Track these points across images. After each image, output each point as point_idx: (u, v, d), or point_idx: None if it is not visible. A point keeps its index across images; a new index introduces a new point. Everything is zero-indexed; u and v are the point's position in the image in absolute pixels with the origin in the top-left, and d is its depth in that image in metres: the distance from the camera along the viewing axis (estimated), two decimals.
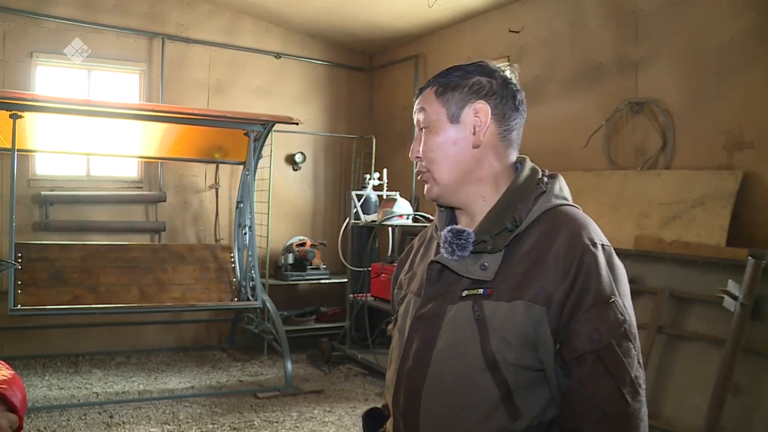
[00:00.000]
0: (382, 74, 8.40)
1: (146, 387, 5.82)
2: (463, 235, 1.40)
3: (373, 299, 6.43)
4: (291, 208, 7.86)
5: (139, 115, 5.68)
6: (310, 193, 8.10)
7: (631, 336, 1.31)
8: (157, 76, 7.02)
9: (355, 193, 6.95)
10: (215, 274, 6.35)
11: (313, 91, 8.06)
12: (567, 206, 1.44)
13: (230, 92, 7.46)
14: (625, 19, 5.17)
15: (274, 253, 7.37)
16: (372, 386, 6.07)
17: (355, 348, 6.70)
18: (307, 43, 7.94)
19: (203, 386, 5.91)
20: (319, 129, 8.04)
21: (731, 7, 4.43)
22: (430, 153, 1.48)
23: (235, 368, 6.54)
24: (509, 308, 1.32)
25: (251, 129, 6.03)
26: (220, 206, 7.39)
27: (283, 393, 5.70)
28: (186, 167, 7.19)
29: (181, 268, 6.20)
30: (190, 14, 7.19)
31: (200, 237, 7.31)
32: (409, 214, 6.60)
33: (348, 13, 7.07)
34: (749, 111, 4.29)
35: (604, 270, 1.32)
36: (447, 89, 1.47)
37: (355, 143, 8.11)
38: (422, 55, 7.62)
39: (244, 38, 7.53)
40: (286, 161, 7.87)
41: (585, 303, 1.29)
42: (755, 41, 4.28)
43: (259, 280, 6.16)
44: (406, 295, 1.59)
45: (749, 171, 4.25)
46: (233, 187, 7.24)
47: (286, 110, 7.09)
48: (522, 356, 1.32)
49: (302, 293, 7.76)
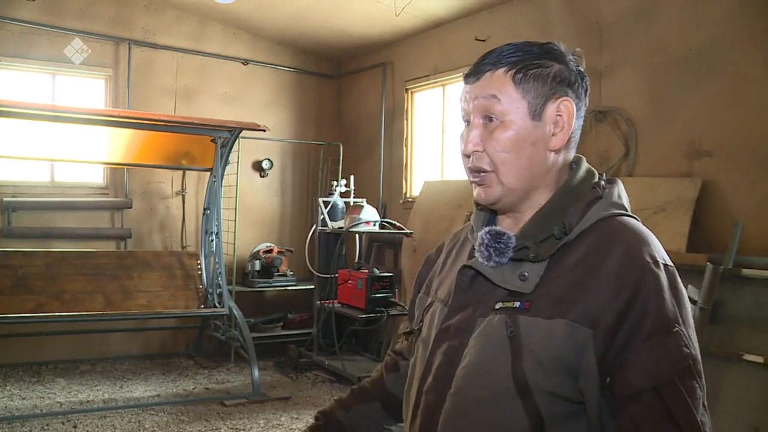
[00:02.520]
0: (350, 81, 8.45)
1: (111, 396, 5.76)
2: (502, 239, 1.22)
3: (340, 306, 6.44)
4: (258, 214, 7.85)
5: (105, 121, 5.64)
6: (277, 200, 8.10)
7: (697, 373, 1.11)
8: (124, 81, 6.97)
9: (322, 200, 6.98)
10: (182, 281, 6.32)
11: (280, 97, 8.07)
12: (626, 216, 1.24)
13: (197, 98, 7.43)
14: (590, 29, 5.29)
15: (241, 259, 7.36)
16: (339, 392, 6.08)
17: (323, 355, 6.71)
18: (275, 50, 7.95)
19: (169, 394, 5.87)
20: (286, 136, 8.04)
21: (691, 20, 4.59)
22: (502, 152, 1.24)
23: (202, 376, 6.51)
24: (548, 327, 1.13)
25: (218, 135, 6.03)
26: (187, 213, 7.36)
27: (251, 400, 5.69)
28: (152, 173, 7.14)
29: (148, 275, 6.17)
30: (157, 20, 7.16)
31: (167, 244, 7.26)
32: (376, 220, 6.64)
33: (316, 20, 7.11)
34: (708, 121, 4.44)
35: (668, 293, 1.12)
36: (527, 76, 1.23)
37: (323, 150, 8.14)
38: (390, 62, 7.68)
39: (212, 44, 7.52)
40: (253, 168, 7.86)
41: (643, 330, 1.09)
42: (714, 54, 4.43)
43: (226, 287, 6.15)
44: (433, 302, 1.41)
45: (708, 179, 4.41)
46: (200, 194, 7.20)
47: (253, 117, 7.10)
48: (558, 384, 1.12)
49: (269, 300, 7.76)
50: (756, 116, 4.21)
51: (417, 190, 7.28)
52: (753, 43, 4.25)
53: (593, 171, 1.31)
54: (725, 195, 4.33)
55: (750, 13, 4.28)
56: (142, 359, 6.96)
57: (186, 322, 7.21)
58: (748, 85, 4.27)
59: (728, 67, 4.37)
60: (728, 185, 4.33)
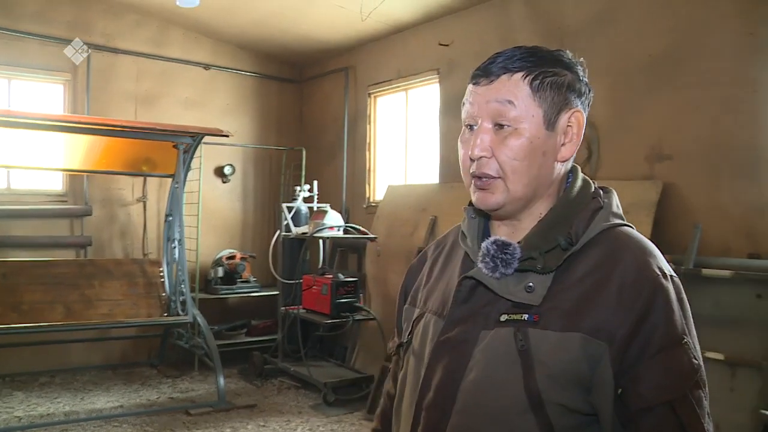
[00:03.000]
0: (313, 86, 8.43)
1: (72, 408, 5.64)
2: (508, 249, 1.20)
3: (305, 311, 6.42)
4: (220, 220, 7.78)
5: (63, 127, 5.52)
6: (239, 206, 8.03)
7: (703, 383, 1.14)
8: (83, 86, 6.84)
9: (286, 206, 6.96)
10: (144, 289, 6.24)
11: (242, 102, 8.02)
12: (626, 226, 1.25)
13: (158, 104, 7.33)
14: (552, 35, 5.37)
15: (204, 266, 7.29)
16: (305, 399, 6.06)
17: (288, 361, 6.67)
18: (236, 55, 7.90)
19: (133, 405, 5.77)
20: (248, 141, 7.99)
21: (651, 28, 4.71)
22: (513, 161, 1.20)
23: (166, 385, 6.41)
24: (560, 340, 1.12)
25: (181, 141, 5.97)
26: (148, 220, 7.25)
27: (216, 409, 5.63)
28: (113, 180, 7.01)
29: (109, 283, 6.07)
30: (116, 24, 7.04)
31: (128, 251, 7.14)
32: (340, 225, 6.65)
33: (279, 25, 7.08)
34: (668, 125, 4.56)
35: (676, 306, 1.14)
36: (544, 83, 1.21)
37: (285, 155, 8.11)
38: (352, 67, 7.69)
39: (173, 49, 7.43)
40: (215, 173, 7.79)
41: (654, 344, 1.10)
42: (673, 61, 4.56)
43: (189, 295, 6.08)
44: (423, 314, 1.37)
45: (668, 182, 4.54)
46: (161, 200, 7.10)
47: (215, 122, 7.03)
48: (571, 397, 1.12)
49: (232, 307, 7.68)
50: (713, 121, 4.35)
51: (380, 194, 7.30)
52: (710, 50, 4.37)
53: (588, 180, 1.31)
54: (685, 197, 4.45)
55: (707, 22, 4.40)
56: (103, 369, 6.83)
57: (148, 331, 7.09)
58: (706, 91, 4.39)
59: (687, 74, 4.49)
60: (688, 188, 4.45)
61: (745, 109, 4.22)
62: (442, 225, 6.07)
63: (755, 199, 4.14)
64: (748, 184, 4.18)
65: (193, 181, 6.79)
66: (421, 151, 6.95)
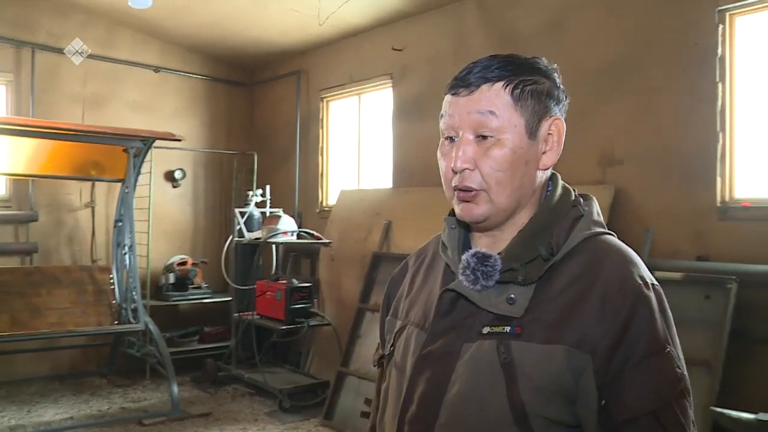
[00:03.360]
0: (264, 90, 8.36)
1: (19, 422, 5.45)
2: (489, 261, 1.18)
3: (259, 317, 6.36)
4: (171, 225, 7.64)
5: (6, 129, 5.33)
6: (190, 211, 7.91)
7: (687, 392, 1.12)
8: (27, 87, 6.63)
9: (239, 211, 6.88)
10: (93, 296, 6.08)
11: (192, 106, 7.90)
12: (607, 235, 1.24)
13: (106, 106, 7.16)
14: (506, 41, 5.47)
15: (154, 272, 7.14)
16: (261, 406, 6.01)
17: (242, 368, 6.61)
18: (186, 57, 7.78)
19: (83, 416, 5.61)
20: (199, 145, 7.88)
21: (601, 36, 4.86)
22: (497, 172, 1.18)
23: (117, 395, 6.26)
24: (544, 352, 1.10)
25: (131, 145, 5.85)
26: (97, 225, 7.07)
27: (170, 418, 5.53)
28: (59, 185, 6.81)
29: (57, 291, 5.89)
30: (63, 23, 6.84)
31: (76, 258, 6.94)
32: (294, 230, 6.61)
33: (231, 27, 7.00)
34: (619, 131, 4.70)
35: (658, 315, 1.12)
36: (525, 92, 1.20)
37: (236, 159, 8.02)
38: (305, 71, 7.66)
39: (121, 51, 7.26)
40: (165, 178, 7.65)
41: (637, 353, 1.09)
42: (623, 68, 4.70)
43: (141, 302, 5.95)
44: (405, 326, 1.35)
45: (620, 186, 4.67)
46: (110, 205, 6.93)
47: (164, 125, 6.92)
48: (555, 409, 1.11)
49: (184, 313, 7.55)
50: (662, 126, 4.50)
51: (333, 199, 7.28)
52: (658, 59, 4.53)
53: (568, 187, 1.30)
54: (636, 201, 4.58)
55: (655, 32, 4.55)
56: (51, 380, 6.61)
57: (97, 339, 6.89)
58: (654, 97, 4.55)
59: (637, 81, 4.64)
60: (639, 192, 4.59)
61: (692, 117, 4.37)
62: (396, 230, 6.10)
63: (703, 203, 4.30)
64: (696, 188, 4.34)
65: (143, 186, 6.65)
66: (374, 155, 6.97)
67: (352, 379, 5.66)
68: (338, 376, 5.73)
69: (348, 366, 5.75)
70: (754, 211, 4.10)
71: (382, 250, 6.07)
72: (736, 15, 4.29)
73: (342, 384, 5.71)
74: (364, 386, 5.48)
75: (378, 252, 6.03)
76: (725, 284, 3.86)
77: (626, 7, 4.76)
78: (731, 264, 4.05)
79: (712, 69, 4.29)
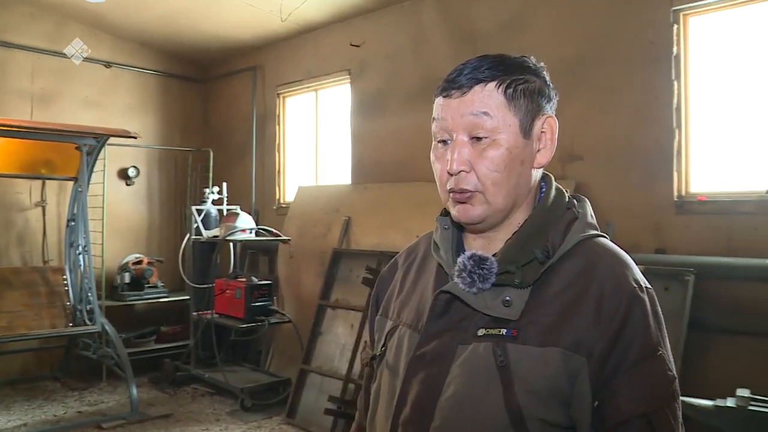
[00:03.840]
0: (219, 85, 8.25)
1: None
2: (486, 264, 1.17)
3: (218, 316, 6.28)
4: (125, 224, 7.48)
5: None
6: (144, 209, 7.76)
7: (677, 394, 1.13)
8: None
9: (196, 208, 6.77)
10: (46, 298, 5.91)
11: (145, 102, 7.74)
12: (601, 237, 1.24)
13: (56, 103, 6.96)
14: (465, 38, 5.52)
15: (109, 272, 6.97)
16: (222, 405, 5.94)
17: (201, 367, 6.52)
18: (139, 53, 7.61)
19: (38, 422, 5.45)
20: (152, 142, 7.72)
21: (560, 34, 4.96)
22: (494, 173, 1.18)
23: (72, 398, 6.10)
24: (540, 355, 1.11)
25: (84, 143, 5.71)
26: (48, 225, 6.87)
27: (130, 420, 5.42)
28: (8, 183, 6.58)
29: (7, 294, 5.71)
30: (8, 17, 6.62)
31: (26, 259, 6.73)
32: (253, 228, 6.55)
33: (185, 23, 6.88)
34: (579, 127, 4.77)
35: (651, 318, 1.13)
36: (517, 91, 1.20)
37: (191, 156, 7.90)
38: (261, 66, 7.59)
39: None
40: (119, 176, 7.49)
41: (631, 356, 1.10)
42: (582, 65, 4.79)
43: (97, 303, 5.82)
44: (397, 326, 1.34)
45: (580, 182, 4.77)
46: (62, 204, 6.75)
47: (117, 122, 6.77)
48: (551, 411, 1.11)
49: (140, 313, 7.40)
50: (621, 123, 4.61)
51: (291, 196, 7.23)
52: (616, 57, 4.62)
53: (562, 189, 1.30)
54: (596, 197, 4.65)
55: (613, 31, 4.65)
56: (1, 386, 6.36)
57: (51, 343, 6.70)
58: (612, 95, 4.65)
59: (595, 78, 4.73)
60: (599, 187, 4.68)
61: (649, 114, 4.48)
62: (356, 226, 6.09)
63: (660, 197, 4.41)
64: (653, 183, 4.45)
65: (96, 184, 6.46)
66: (332, 152, 6.94)
67: (315, 376, 5.64)
68: (300, 373, 5.70)
69: (310, 363, 5.73)
70: (709, 205, 4.23)
71: (342, 247, 6.05)
72: (690, 15, 4.42)
73: (304, 381, 5.68)
74: (327, 383, 5.46)
75: (338, 249, 6.01)
76: (683, 276, 3.97)
77: (585, 7, 4.84)
78: (688, 256, 4.17)
79: (668, 67, 4.40)
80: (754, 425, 3.04)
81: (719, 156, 4.35)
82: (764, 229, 3.99)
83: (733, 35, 4.29)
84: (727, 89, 4.30)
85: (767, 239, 3.97)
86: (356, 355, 5.22)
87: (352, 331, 5.52)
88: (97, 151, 5.87)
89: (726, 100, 4.31)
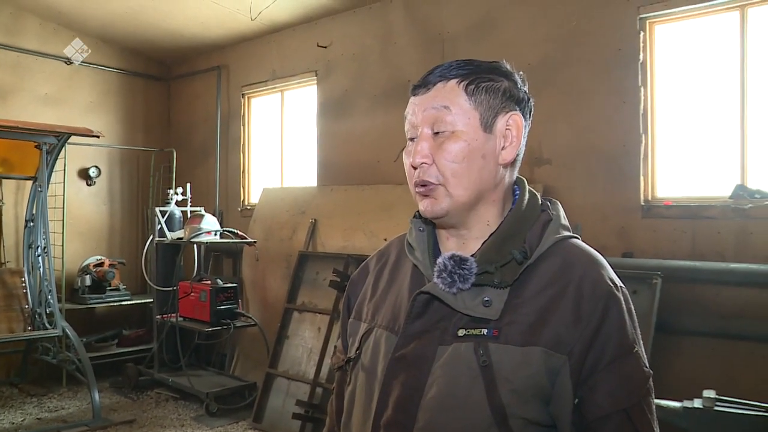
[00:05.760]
0: (182, 85, 8.12)
1: None
2: (466, 265, 1.19)
3: (183, 319, 6.17)
4: (86, 225, 7.31)
5: None
6: (105, 210, 7.59)
7: (652, 390, 1.17)
8: None
9: (159, 210, 6.65)
10: (3, 301, 5.72)
11: (107, 100, 7.57)
12: (575, 238, 1.27)
13: (13, 99, 6.76)
14: (432, 40, 5.52)
15: (69, 274, 6.80)
16: (186, 410, 5.84)
17: (164, 371, 6.39)
18: (100, 49, 7.44)
19: None
20: (114, 141, 7.56)
21: (528, 38, 5.00)
22: (452, 164, 1.21)
23: (31, 405, 5.93)
24: (522, 354, 1.13)
25: (44, 141, 5.55)
26: (5, 225, 6.66)
27: (92, 427, 5.30)
28: None
29: None
30: None
31: None
32: (218, 230, 6.45)
33: (148, 20, 6.75)
34: (546, 131, 4.80)
35: (626, 316, 1.17)
36: (479, 88, 1.23)
37: (154, 156, 7.76)
38: (225, 66, 7.49)
39: (29, 40, 6.86)
40: (79, 176, 7.32)
41: (608, 354, 1.13)
42: (549, 69, 4.82)
43: (57, 306, 5.67)
44: (372, 329, 1.34)
45: (548, 185, 4.81)
46: (19, 205, 6.57)
47: (77, 120, 6.60)
48: (532, 410, 1.13)
49: (101, 316, 7.23)
50: (586, 127, 4.68)
51: (256, 197, 7.15)
52: (584, 62, 4.68)
53: (534, 192, 1.34)
54: (564, 199, 4.58)
55: (580, 35, 4.70)
56: None
57: (8, 347, 6.46)
58: (579, 98, 4.71)
59: (563, 82, 4.78)
60: (566, 190, 4.73)
61: (616, 118, 4.55)
62: (322, 228, 6.05)
63: (627, 201, 4.48)
64: (620, 187, 4.52)
65: (56, 184, 6.30)
66: (298, 153, 6.88)
67: (281, 380, 5.58)
68: (267, 377, 5.63)
69: (276, 367, 5.67)
70: (674, 210, 4.30)
71: (308, 249, 6.01)
72: (656, 23, 4.50)
73: (270, 385, 5.62)
74: (294, 387, 5.42)
75: (304, 251, 5.96)
76: (651, 279, 4.01)
77: (553, 10, 4.88)
78: (655, 260, 4.23)
79: (634, 73, 4.46)
80: (720, 426, 3.09)
81: (684, 161, 4.44)
82: (727, 233, 4.08)
83: (698, 43, 4.38)
84: (691, 96, 4.40)
85: (730, 243, 4.06)
86: (324, 358, 5.18)
87: (319, 335, 5.48)
88: (58, 150, 5.71)
89: (691, 107, 4.41)
